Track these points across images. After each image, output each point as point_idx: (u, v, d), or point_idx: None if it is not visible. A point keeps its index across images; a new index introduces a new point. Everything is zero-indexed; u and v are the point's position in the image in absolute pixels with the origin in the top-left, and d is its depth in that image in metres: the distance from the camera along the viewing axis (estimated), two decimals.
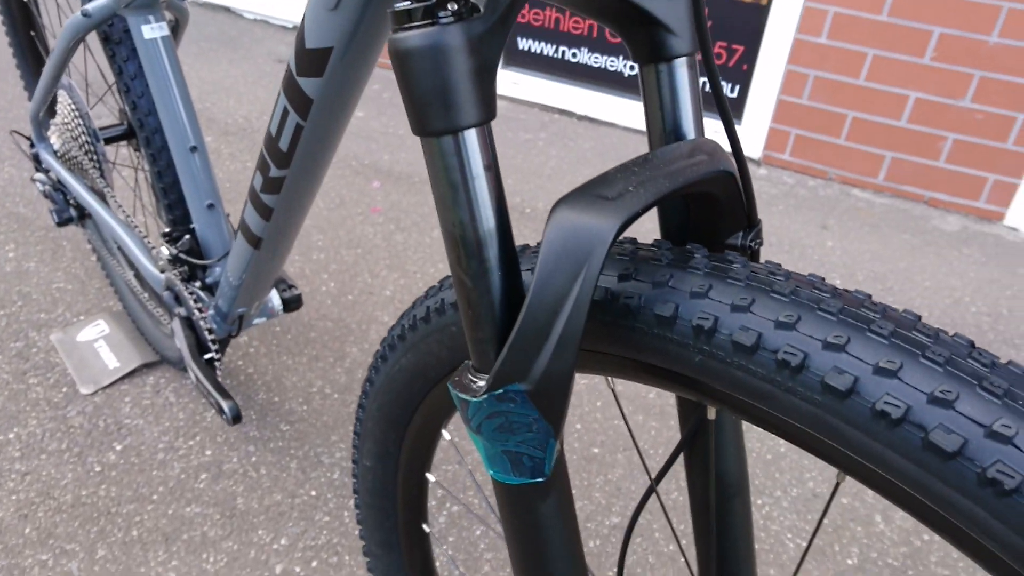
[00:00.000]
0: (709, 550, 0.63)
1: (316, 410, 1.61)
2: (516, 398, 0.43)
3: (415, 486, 0.82)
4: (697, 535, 0.64)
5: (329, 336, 1.81)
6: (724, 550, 0.63)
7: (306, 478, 1.46)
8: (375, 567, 0.91)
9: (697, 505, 0.63)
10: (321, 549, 1.34)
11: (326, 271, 2.04)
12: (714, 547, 0.63)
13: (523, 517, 0.47)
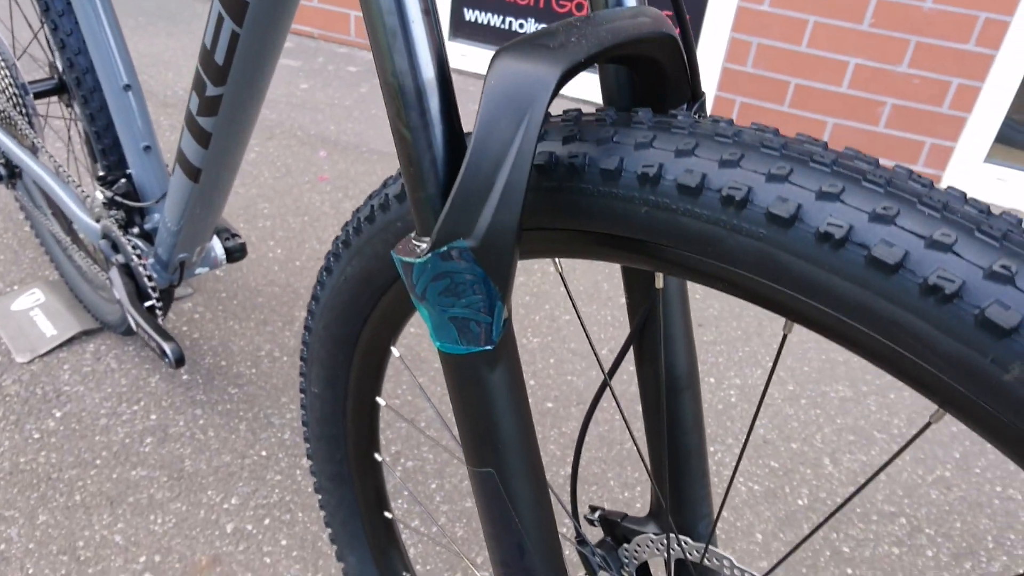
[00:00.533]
0: (661, 444, 0.63)
1: (265, 373, 1.58)
2: (461, 256, 0.42)
3: (366, 412, 0.80)
4: (649, 430, 0.64)
5: (277, 301, 1.78)
6: (675, 443, 0.63)
7: (256, 439, 1.43)
8: (327, 503, 0.89)
9: (648, 400, 0.63)
10: (273, 507, 1.31)
11: (272, 238, 2.00)
12: (665, 441, 0.63)
13: (472, 389, 0.47)
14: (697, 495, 0.66)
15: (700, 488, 0.66)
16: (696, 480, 0.65)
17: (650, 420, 0.63)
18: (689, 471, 0.65)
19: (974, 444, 1.60)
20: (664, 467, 0.63)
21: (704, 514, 0.67)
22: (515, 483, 0.49)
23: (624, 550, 0.70)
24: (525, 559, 0.50)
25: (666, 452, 0.62)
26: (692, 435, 0.63)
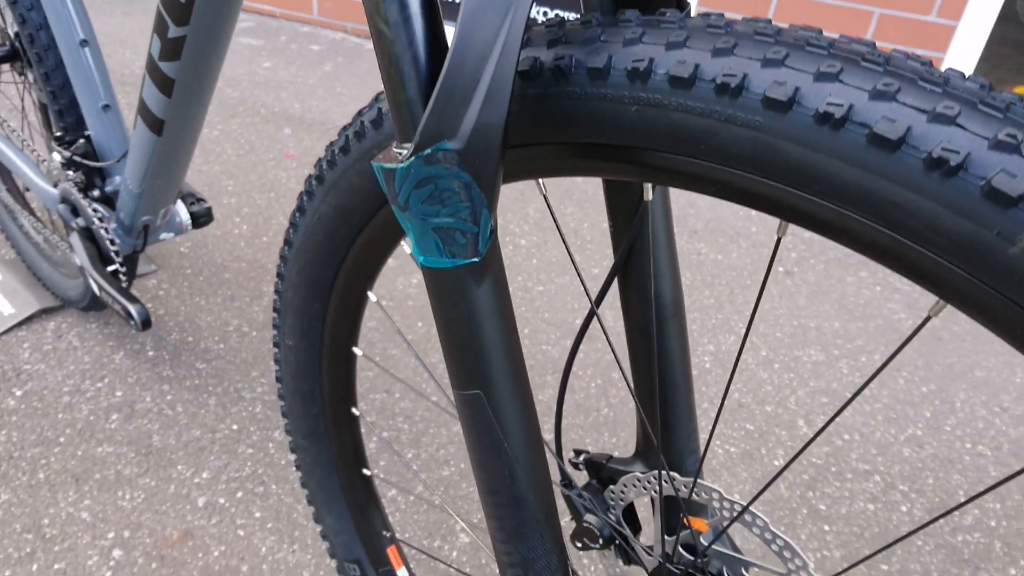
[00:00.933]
0: (649, 374, 0.62)
1: (234, 348, 1.55)
2: (445, 159, 0.41)
3: (342, 363, 0.78)
4: (635, 363, 0.63)
5: (244, 277, 1.74)
6: (662, 376, 0.62)
7: (226, 413, 1.40)
8: (303, 461, 0.87)
9: (633, 331, 0.62)
10: (246, 480, 1.28)
11: (238, 215, 1.96)
12: (654, 371, 0.62)
13: (457, 306, 0.45)
14: (684, 430, 0.65)
15: (687, 423, 0.65)
16: (683, 414, 0.64)
17: (636, 352, 0.62)
18: (676, 405, 0.64)
19: (944, 403, 1.62)
20: (654, 400, 0.62)
21: (692, 450, 0.66)
22: (503, 405, 0.47)
23: (610, 492, 0.69)
24: (515, 486, 0.49)
25: (654, 381, 0.61)
26: (678, 367, 0.62)
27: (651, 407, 0.64)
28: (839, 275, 2.02)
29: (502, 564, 0.52)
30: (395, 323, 1.19)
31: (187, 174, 1.53)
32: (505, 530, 0.50)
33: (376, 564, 0.90)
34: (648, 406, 0.63)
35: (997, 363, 1.77)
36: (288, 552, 1.18)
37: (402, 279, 1.81)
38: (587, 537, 0.70)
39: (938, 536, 1.33)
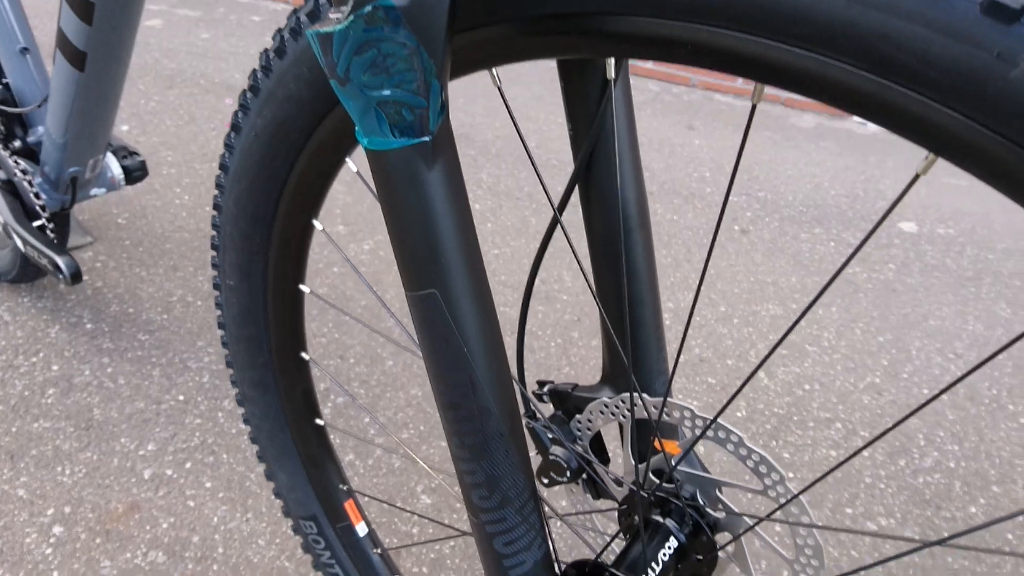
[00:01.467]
0: (615, 291, 0.59)
1: (178, 318, 1.48)
2: (388, 18, 0.36)
3: (289, 303, 0.73)
4: (599, 277, 0.59)
5: (187, 247, 1.67)
6: (628, 289, 0.59)
7: (172, 384, 1.34)
8: (252, 415, 0.82)
9: (597, 243, 0.59)
10: (195, 450, 1.23)
11: (178, 185, 1.87)
12: (621, 287, 0.58)
13: (408, 193, 0.41)
14: (652, 350, 0.62)
15: (655, 342, 0.62)
16: (650, 333, 0.61)
17: (600, 268, 0.59)
18: (643, 323, 0.61)
19: (900, 352, 1.63)
20: (621, 317, 0.59)
21: (661, 371, 0.63)
22: (460, 304, 0.43)
23: (576, 422, 0.66)
24: (478, 395, 0.45)
25: (621, 296, 0.58)
26: (645, 283, 0.59)
27: (618, 325, 0.61)
28: (793, 232, 2.02)
29: (466, 487, 0.49)
30: (343, 251, 1.15)
31: (120, 135, 1.45)
32: (467, 447, 0.47)
33: (333, 520, 0.86)
34: (615, 324, 0.60)
35: (950, 312, 1.79)
36: (242, 521, 1.13)
37: (354, 245, 1.75)
38: (554, 471, 0.67)
39: (900, 479, 1.34)
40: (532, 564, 0.51)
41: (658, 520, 0.61)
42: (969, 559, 1.20)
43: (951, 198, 2.27)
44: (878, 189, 2.28)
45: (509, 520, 0.49)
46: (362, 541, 0.87)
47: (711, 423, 0.55)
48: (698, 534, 0.61)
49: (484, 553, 0.52)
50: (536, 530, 0.51)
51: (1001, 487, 1.34)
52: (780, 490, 0.57)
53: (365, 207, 1.89)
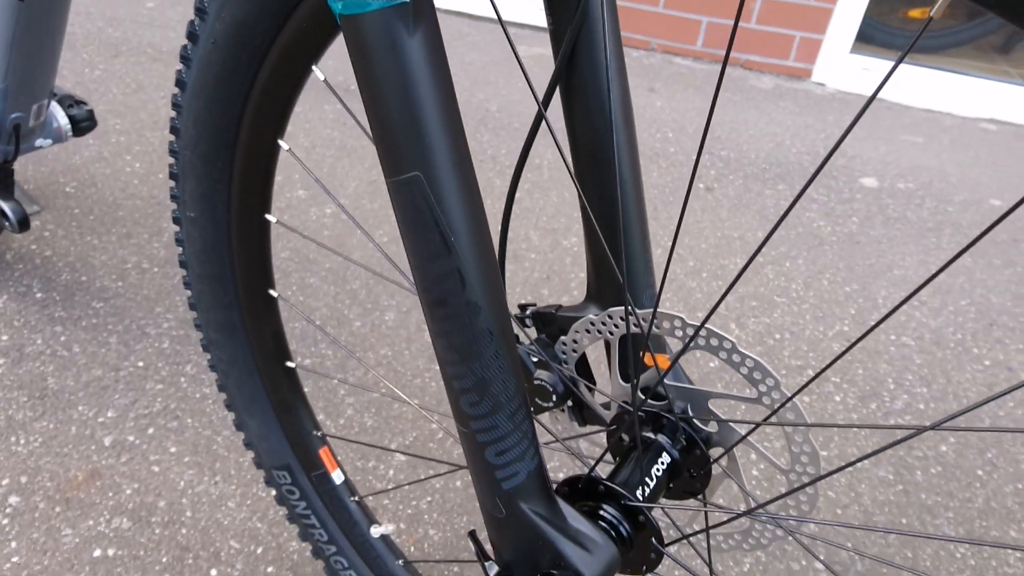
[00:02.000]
0: (600, 197, 0.57)
1: (134, 285, 1.42)
2: None
3: (255, 235, 0.70)
4: (583, 183, 0.57)
5: (140, 213, 1.61)
6: (613, 195, 0.56)
7: (130, 351, 1.29)
8: (218, 360, 0.78)
9: (580, 146, 0.56)
10: (157, 416, 1.18)
11: (129, 153, 1.80)
12: (604, 192, 0.56)
13: (387, 63, 0.38)
14: (640, 261, 0.60)
15: (642, 254, 0.60)
16: (637, 243, 0.59)
17: (584, 174, 0.56)
18: (630, 232, 0.58)
19: (867, 301, 1.65)
20: (606, 223, 0.57)
21: (648, 283, 0.61)
22: (446, 187, 0.40)
23: (561, 344, 0.64)
24: (465, 291, 0.42)
25: (605, 201, 0.56)
26: (630, 188, 0.57)
27: (603, 234, 0.58)
28: (758, 189, 2.02)
29: (454, 394, 0.46)
30: (311, 172, 1.11)
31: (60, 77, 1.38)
32: (455, 348, 0.44)
33: (308, 468, 0.82)
34: (600, 232, 0.58)
35: (913, 262, 1.80)
36: (210, 484, 1.09)
37: (315, 209, 1.70)
38: (539, 397, 0.65)
39: (872, 421, 1.35)
40: (526, 475, 0.49)
41: (650, 436, 0.60)
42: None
43: (909, 154, 2.30)
44: (839, 147, 2.29)
45: (501, 427, 0.47)
46: (338, 489, 0.84)
47: (700, 327, 0.53)
48: (691, 449, 0.59)
49: (475, 466, 0.49)
50: (529, 439, 0.48)
51: (968, 424, 1.36)
52: (775, 396, 0.55)
53: (324, 171, 1.84)
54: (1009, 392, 0.37)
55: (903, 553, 1.12)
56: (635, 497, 0.54)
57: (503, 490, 0.49)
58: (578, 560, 0.50)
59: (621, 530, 0.54)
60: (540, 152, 2.07)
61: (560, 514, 0.51)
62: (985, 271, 1.80)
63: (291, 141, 1.95)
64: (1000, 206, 2.07)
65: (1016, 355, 1.55)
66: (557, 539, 0.50)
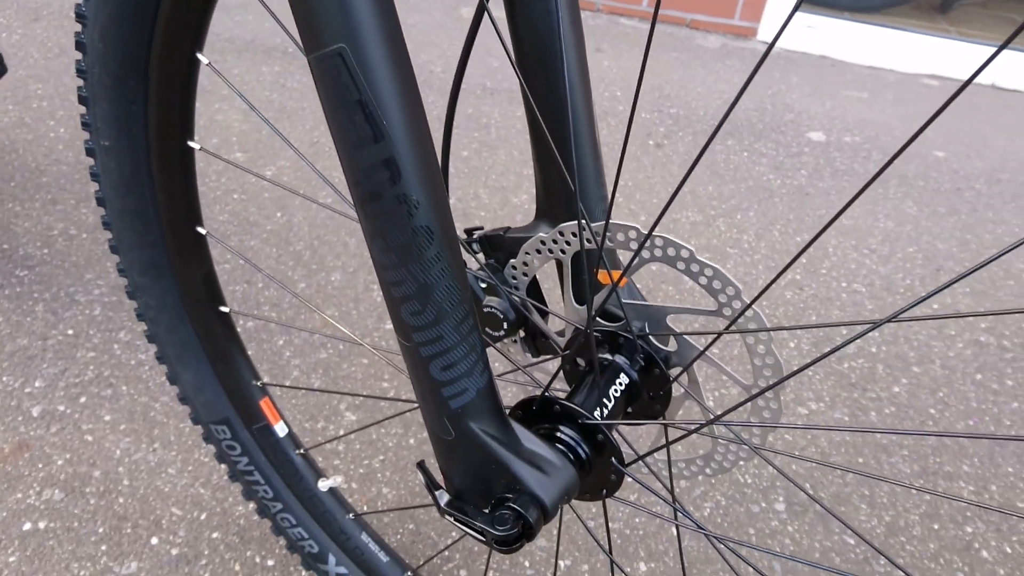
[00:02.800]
0: (547, 103, 0.53)
1: (61, 252, 1.34)
2: None
3: (177, 164, 0.64)
4: (530, 86, 0.53)
5: (66, 179, 1.52)
6: (562, 101, 0.53)
7: (58, 319, 1.21)
8: (145, 307, 0.72)
9: (523, 42, 0.52)
10: (89, 384, 1.11)
11: (52, 118, 1.71)
12: (551, 94, 0.53)
13: None
14: (590, 171, 0.56)
15: (592, 162, 0.56)
16: (587, 152, 0.56)
17: (531, 78, 0.53)
18: (580, 140, 0.55)
19: (817, 250, 1.65)
20: (555, 130, 0.53)
21: (601, 196, 0.58)
22: (374, 62, 0.36)
23: (511, 268, 0.60)
24: (401, 180, 0.38)
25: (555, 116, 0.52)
26: (579, 94, 0.53)
27: (553, 140, 0.55)
28: None
29: (394, 303, 0.42)
30: (234, 87, 1.05)
31: None
32: (393, 249, 0.40)
33: (249, 421, 0.78)
34: (550, 140, 0.54)
35: (861, 212, 1.81)
36: (148, 452, 1.03)
37: (253, 176, 1.63)
38: (490, 326, 0.62)
39: (826, 365, 1.35)
40: (475, 393, 0.45)
41: (607, 358, 0.57)
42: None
43: (854, 109, 2.31)
44: (785, 103, 2.29)
45: (447, 338, 0.43)
46: (282, 442, 0.79)
47: (647, 235, 0.50)
48: (650, 368, 0.56)
49: (420, 384, 0.46)
50: (477, 353, 0.45)
51: (920, 367, 1.37)
52: (736, 306, 0.53)
53: (264, 134, 1.77)
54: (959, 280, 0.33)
55: (860, 491, 1.12)
56: (592, 417, 0.51)
57: (451, 410, 0.46)
58: (534, 483, 0.47)
59: (579, 452, 0.51)
60: (487, 111, 2.02)
61: (513, 436, 0.48)
62: (931, 219, 1.82)
63: (226, 103, 1.87)
64: (944, 157, 2.10)
65: (963, 298, 1.56)
66: (511, 462, 0.47)
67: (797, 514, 1.07)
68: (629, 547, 1.00)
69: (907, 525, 1.08)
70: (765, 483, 1.11)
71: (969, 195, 1.93)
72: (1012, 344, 1.45)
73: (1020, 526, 1.09)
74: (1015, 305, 1.57)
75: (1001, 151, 2.16)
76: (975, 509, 1.11)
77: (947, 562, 1.03)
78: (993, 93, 2.55)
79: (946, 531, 1.07)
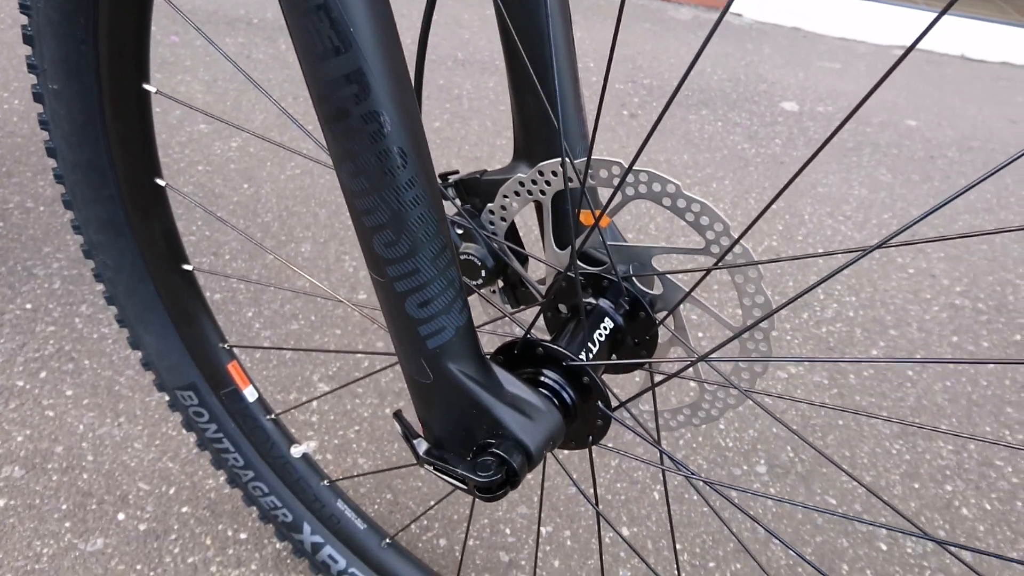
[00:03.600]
0: (529, 38, 0.50)
1: (17, 225, 1.29)
2: None
3: (133, 110, 0.61)
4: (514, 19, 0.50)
5: (21, 151, 1.46)
6: (543, 36, 0.50)
7: (16, 293, 1.17)
8: (104, 266, 0.69)
9: None
10: (50, 359, 1.07)
11: (6, 90, 1.64)
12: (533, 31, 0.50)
13: None
14: (571, 108, 0.54)
15: (574, 99, 0.54)
16: (568, 87, 0.53)
17: (511, 13, 0.50)
18: (560, 75, 0.52)
19: (793, 217, 1.64)
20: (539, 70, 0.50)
21: (582, 134, 0.55)
22: None
23: (489, 212, 0.58)
24: (370, 95, 0.36)
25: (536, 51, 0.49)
26: (559, 26, 0.51)
27: (535, 80, 0.52)
28: (682, 115, 1.99)
29: (366, 234, 0.40)
30: (191, 20, 1.01)
31: None
32: (363, 173, 0.37)
33: (216, 386, 0.74)
34: (530, 73, 0.52)
35: (836, 180, 1.81)
36: (113, 426, 1.00)
37: (219, 143, 1.59)
38: (467, 274, 0.59)
39: (804, 330, 1.34)
40: (454, 332, 0.43)
41: (591, 302, 0.54)
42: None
43: (827, 79, 2.30)
44: (758, 73, 2.28)
45: (423, 272, 0.40)
46: (252, 408, 0.76)
47: (628, 168, 0.48)
48: (635, 312, 0.54)
49: (395, 324, 0.43)
50: (456, 289, 0.42)
51: (898, 330, 1.37)
52: (724, 243, 0.51)
53: (228, 105, 1.72)
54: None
55: (841, 452, 1.11)
56: (577, 359, 0.49)
57: (429, 350, 0.43)
58: (518, 428, 0.45)
59: (564, 396, 0.49)
60: (458, 83, 1.99)
61: (495, 379, 0.46)
62: (905, 186, 1.82)
63: (189, 75, 1.81)
64: (915, 126, 2.10)
65: (938, 263, 1.57)
66: (493, 405, 0.45)
67: (779, 476, 1.06)
68: (611, 512, 0.98)
69: (888, 485, 1.07)
70: (746, 446, 1.10)
71: (942, 162, 1.94)
72: (987, 307, 1.46)
73: (999, 483, 1.10)
74: (989, 269, 1.57)
75: (971, 120, 2.17)
76: (955, 468, 1.11)
77: (928, 520, 1.03)
78: (962, 64, 2.57)
79: (927, 490, 1.07)
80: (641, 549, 0.94)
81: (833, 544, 0.98)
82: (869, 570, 0.95)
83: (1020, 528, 1.03)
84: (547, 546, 0.93)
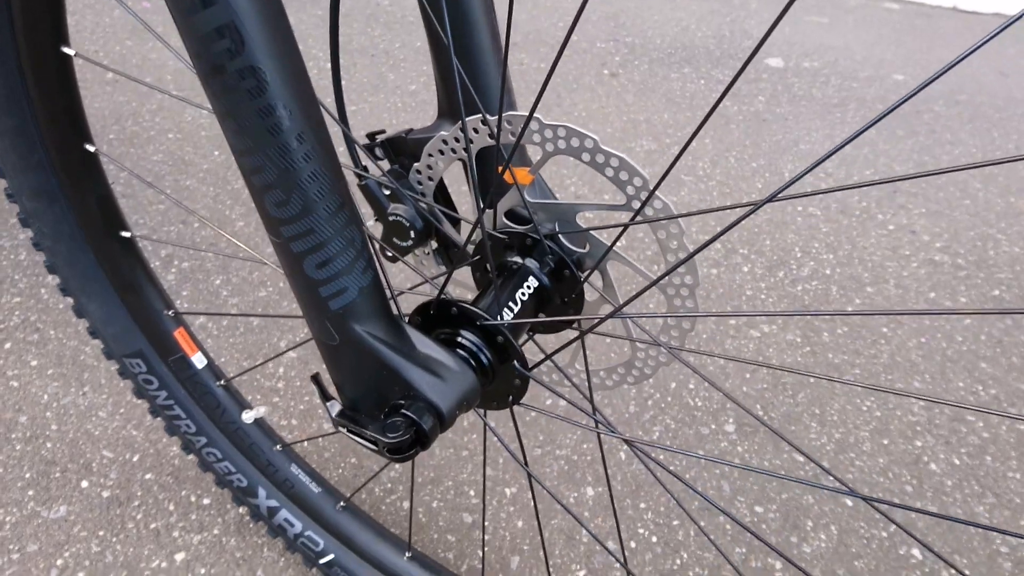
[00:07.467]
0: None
1: None
2: None
3: (53, 74, 0.59)
4: None
5: None
6: None
7: None
8: (41, 235, 0.68)
9: None
10: (15, 330, 1.07)
11: None
12: None
13: None
14: (489, 64, 0.53)
15: (493, 54, 0.53)
16: (485, 42, 0.52)
17: None
18: (476, 31, 0.51)
19: (773, 175, 1.62)
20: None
21: (498, 86, 0.54)
22: None
23: (416, 173, 0.57)
24: (247, 51, 0.34)
25: None
26: None
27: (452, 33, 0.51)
28: (663, 73, 1.96)
29: (257, 193, 0.38)
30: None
31: None
32: (247, 132, 0.36)
33: (164, 353, 0.74)
34: (447, 31, 0.50)
35: (819, 136, 1.79)
36: (78, 395, 1.00)
37: (191, 110, 1.57)
38: (397, 236, 0.58)
39: (779, 288, 1.33)
40: (357, 292, 0.42)
41: (515, 261, 0.53)
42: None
43: (815, 34, 2.27)
44: (744, 29, 2.24)
45: (319, 231, 0.40)
46: (201, 374, 0.76)
47: (528, 116, 0.47)
48: (560, 270, 0.53)
49: (296, 284, 0.42)
50: (357, 249, 0.41)
51: (874, 287, 1.36)
52: (644, 196, 0.50)
53: (189, 80, 1.69)
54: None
55: (811, 410, 1.11)
56: (490, 318, 0.48)
57: (332, 311, 0.42)
58: (429, 388, 0.44)
59: (480, 357, 0.48)
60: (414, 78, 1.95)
61: (406, 340, 0.45)
62: (888, 141, 1.79)
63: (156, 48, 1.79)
64: (903, 80, 2.07)
65: (919, 219, 1.55)
66: (403, 366, 0.44)
67: (747, 435, 1.06)
68: (576, 472, 0.98)
69: (857, 441, 1.07)
70: (715, 406, 1.10)
71: (928, 117, 1.91)
72: (966, 262, 1.44)
73: (969, 438, 1.09)
74: (971, 224, 1.55)
75: (959, 73, 2.14)
76: (925, 424, 1.11)
77: (896, 475, 1.03)
78: (954, 15, 2.52)
79: (895, 446, 1.07)
80: (604, 508, 0.94)
81: (799, 501, 0.98)
82: (834, 526, 0.95)
83: (988, 482, 1.03)
84: (511, 507, 0.93)
